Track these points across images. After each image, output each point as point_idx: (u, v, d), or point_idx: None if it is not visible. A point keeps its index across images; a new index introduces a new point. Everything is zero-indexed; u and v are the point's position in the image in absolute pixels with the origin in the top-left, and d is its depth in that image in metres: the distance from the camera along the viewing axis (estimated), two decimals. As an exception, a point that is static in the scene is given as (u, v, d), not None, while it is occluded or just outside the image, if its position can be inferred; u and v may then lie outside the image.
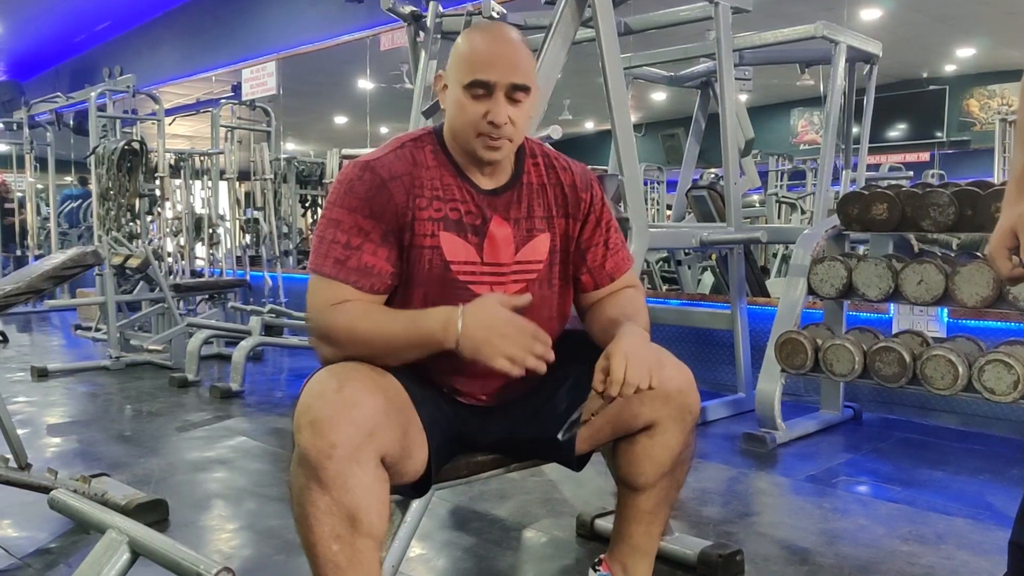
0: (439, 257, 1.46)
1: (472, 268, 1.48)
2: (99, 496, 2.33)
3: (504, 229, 1.50)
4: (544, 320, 1.55)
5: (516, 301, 1.40)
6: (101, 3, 9.38)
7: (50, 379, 4.67)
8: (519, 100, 1.44)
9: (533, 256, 1.54)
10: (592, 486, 2.59)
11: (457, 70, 1.44)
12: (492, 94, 1.41)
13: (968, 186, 3.03)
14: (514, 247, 1.51)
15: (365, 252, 1.42)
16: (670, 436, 1.52)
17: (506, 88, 1.41)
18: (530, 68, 1.46)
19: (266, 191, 7.02)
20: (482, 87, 1.41)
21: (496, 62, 1.41)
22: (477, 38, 1.46)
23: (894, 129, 10.50)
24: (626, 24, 3.59)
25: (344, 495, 1.27)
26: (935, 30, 8.73)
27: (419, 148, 1.50)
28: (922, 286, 2.93)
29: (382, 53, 7.08)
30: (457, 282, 1.47)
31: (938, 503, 2.57)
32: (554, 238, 1.56)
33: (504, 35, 1.46)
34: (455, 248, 1.47)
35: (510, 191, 1.53)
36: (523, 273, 1.53)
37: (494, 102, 1.41)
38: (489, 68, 1.41)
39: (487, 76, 1.40)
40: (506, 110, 1.42)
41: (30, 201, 8.74)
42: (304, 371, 4.97)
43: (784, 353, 3.20)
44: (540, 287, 1.55)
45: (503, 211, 1.51)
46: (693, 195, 5.00)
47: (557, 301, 1.59)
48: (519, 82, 1.42)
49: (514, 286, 1.52)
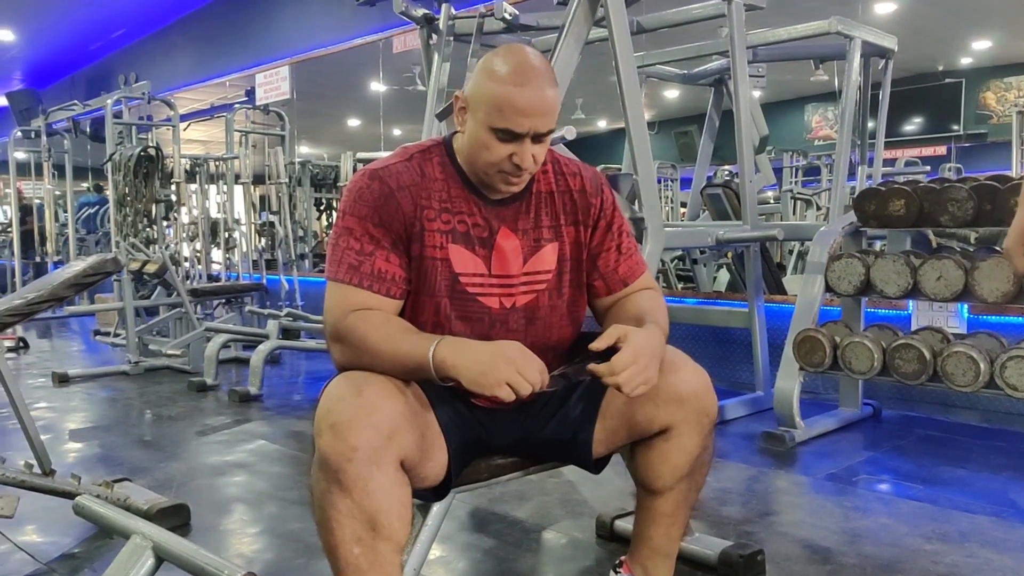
0: (448, 269, 1.47)
1: (481, 280, 1.49)
2: (122, 501, 2.35)
3: (511, 241, 1.51)
4: (555, 328, 1.57)
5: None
6: (116, 11, 9.45)
7: (71, 384, 4.71)
8: (543, 139, 1.45)
9: (541, 267, 1.54)
10: (611, 487, 2.59)
11: (485, 112, 1.41)
12: (520, 140, 1.42)
13: (987, 180, 3.00)
14: (522, 258, 1.52)
15: (378, 258, 1.43)
16: (687, 440, 1.51)
17: (534, 135, 1.42)
18: (556, 109, 1.44)
19: (281, 195, 7.06)
20: (511, 135, 1.41)
21: (530, 112, 1.39)
22: (508, 81, 1.39)
23: (910, 123, 10.42)
24: (639, 23, 3.58)
25: (365, 498, 1.27)
26: (950, 23, 8.65)
27: (427, 160, 1.51)
28: (941, 282, 2.91)
29: (395, 56, 7.09)
30: (466, 294, 1.49)
31: (961, 501, 2.55)
32: (562, 247, 1.56)
33: (538, 81, 1.41)
34: (463, 260, 1.48)
35: (519, 201, 1.53)
36: (532, 284, 1.53)
37: (521, 146, 1.42)
38: (521, 119, 1.39)
39: (519, 128, 1.40)
40: (532, 151, 1.43)
41: (48, 208, 8.82)
42: (321, 374, 5.00)
43: (802, 351, 3.19)
44: (550, 296, 1.55)
45: (511, 222, 1.52)
46: (708, 193, 4.97)
47: (568, 309, 1.59)
48: (545, 131, 1.43)
49: (523, 297, 1.52)
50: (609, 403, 1.53)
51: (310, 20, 8.07)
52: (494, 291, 1.50)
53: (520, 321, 1.53)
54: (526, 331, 1.53)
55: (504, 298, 1.51)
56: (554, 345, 1.58)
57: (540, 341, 1.53)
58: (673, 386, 1.48)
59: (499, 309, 1.51)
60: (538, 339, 1.53)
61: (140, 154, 5.72)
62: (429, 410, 1.43)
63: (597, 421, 1.54)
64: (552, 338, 1.57)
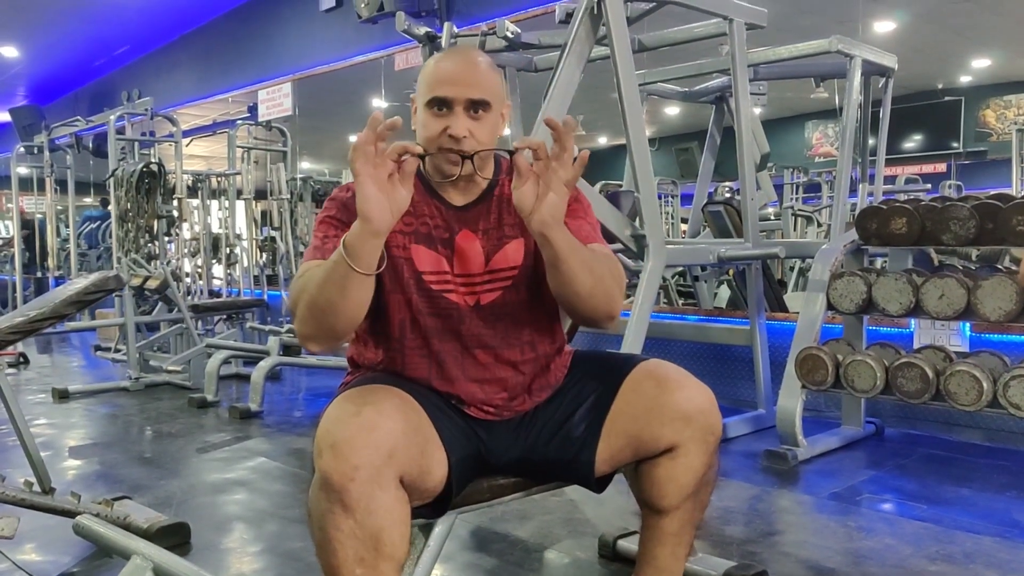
0: (412, 268, 1.53)
1: (445, 278, 1.54)
2: (122, 520, 2.34)
3: (471, 241, 1.55)
4: (528, 322, 1.59)
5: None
6: (120, 28, 9.50)
7: (71, 400, 4.70)
8: (479, 115, 1.49)
9: (505, 263, 1.57)
10: (614, 506, 2.58)
11: (421, 91, 1.51)
12: (452, 110, 1.47)
13: (988, 199, 3.00)
14: (484, 257, 1.56)
15: (338, 239, 1.45)
16: (693, 458, 1.50)
17: (464, 103, 1.47)
18: (490, 85, 1.51)
19: (283, 210, 7.07)
20: (442, 104, 1.47)
21: (455, 80, 1.48)
22: (440, 60, 1.54)
23: (910, 140, 10.45)
24: (640, 42, 3.60)
25: (367, 518, 1.27)
26: (950, 42, 8.69)
27: None
28: (943, 300, 2.91)
29: (396, 73, 7.12)
30: (432, 291, 1.54)
31: (965, 521, 2.54)
32: (528, 241, 1.57)
33: (465, 56, 1.54)
34: (425, 259, 1.53)
35: (480, 205, 1.58)
36: (497, 280, 1.56)
37: (453, 117, 1.47)
38: (448, 85, 1.47)
39: (445, 93, 1.47)
40: (466, 124, 1.47)
41: (50, 223, 8.83)
42: (322, 390, 4.99)
43: (804, 369, 3.18)
44: (518, 291, 1.57)
45: (472, 224, 1.56)
46: (709, 210, 4.98)
47: (540, 302, 1.59)
48: (477, 97, 1.48)
49: (488, 295, 1.56)
50: (614, 421, 1.53)
51: (312, 37, 8.10)
52: (459, 288, 1.54)
53: (488, 316, 1.55)
54: (495, 326, 1.56)
55: (468, 296, 1.55)
56: (529, 339, 1.59)
57: (512, 336, 1.57)
58: (679, 404, 1.48)
59: (464, 306, 1.55)
60: (509, 334, 1.57)
61: (142, 170, 5.73)
62: (429, 424, 1.43)
63: (600, 440, 1.54)
64: (524, 333, 1.59)
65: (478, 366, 1.55)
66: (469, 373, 1.55)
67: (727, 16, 3.37)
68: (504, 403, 1.57)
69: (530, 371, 1.59)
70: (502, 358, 1.57)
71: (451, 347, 1.55)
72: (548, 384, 1.62)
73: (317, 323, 1.40)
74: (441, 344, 1.54)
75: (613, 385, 1.55)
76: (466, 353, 1.55)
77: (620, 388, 1.54)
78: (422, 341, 1.54)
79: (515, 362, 1.57)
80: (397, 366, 1.56)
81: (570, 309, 1.52)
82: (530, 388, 1.60)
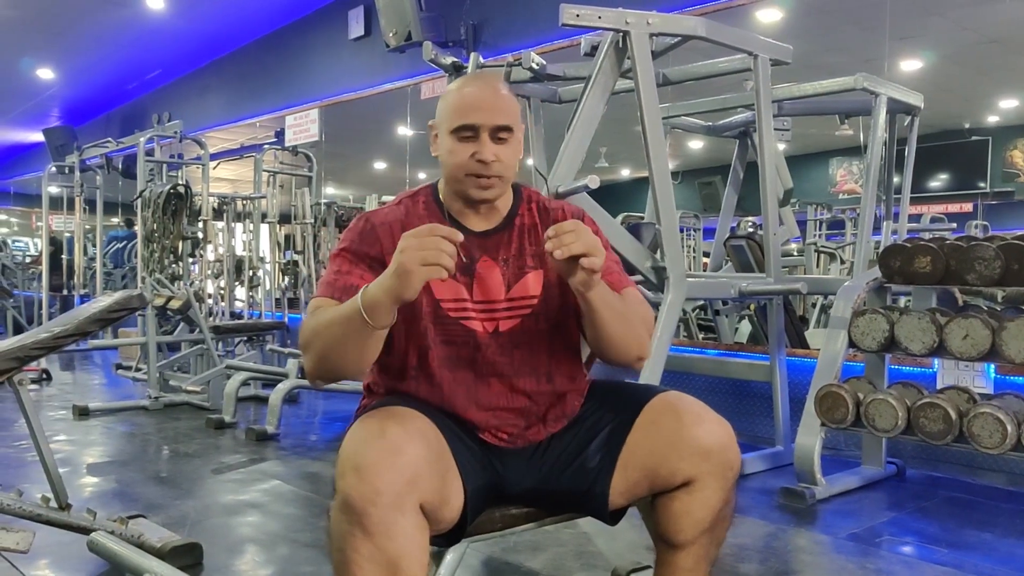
0: (430, 296, 1.53)
1: (463, 305, 1.54)
2: (135, 538, 2.34)
3: (492, 269, 1.56)
4: (544, 352, 1.59)
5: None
6: (153, 53, 9.69)
7: (91, 418, 4.73)
8: (504, 139, 1.51)
9: (525, 292, 1.58)
10: (626, 539, 2.55)
11: (445, 118, 1.53)
12: (478, 136, 1.49)
13: (1015, 239, 2.97)
14: (505, 285, 1.56)
15: (353, 276, 1.50)
16: (710, 493, 1.49)
17: (490, 129, 1.50)
18: (512, 110, 1.54)
19: (306, 234, 7.14)
20: (469, 130, 1.50)
21: (480, 106, 1.50)
22: (462, 87, 1.56)
23: (935, 179, 10.38)
24: (664, 75, 3.62)
25: (388, 542, 1.27)
26: (977, 81, 8.66)
27: (414, 201, 1.61)
28: (968, 341, 2.87)
29: (422, 101, 7.20)
30: (448, 318, 1.54)
31: (986, 567, 2.49)
32: (548, 274, 1.58)
33: (486, 82, 1.56)
34: (444, 287, 1.53)
35: (501, 233, 1.59)
36: (516, 309, 1.57)
37: (480, 143, 1.49)
38: (474, 112, 1.50)
39: (473, 120, 1.49)
40: (493, 149, 1.50)
41: (78, 242, 8.97)
42: (339, 414, 4.99)
43: (824, 407, 3.14)
44: (537, 321, 1.58)
45: (492, 252, 1.57)
46: (732, 245, 4.97)
47: (558, 334, 1.60)
48: (502, 123, 1.50)
49: (507, 322, 1.56)
50: (631, 454, 1.52)
51: (340, 65, 8.22)
52: (477, 316, 1.55)
53: (506, 344, 1.56)
54: (512, 354, 1.56)
55: (487, 322, 1.55)
56: (546, 370, 1.59)
57: (528, 364, 1.57)
58: (698, 438, 1.47)
59: (483, 333, 1.55)
60: (526, 362, 1.57)
61: (169, 191, 5.82)
62: (449, 454, 1.43)
63: (616, 472, 1.53)
64: (542, 362, 1.59)
65: (491, 394, 1.55)
66: (483, 402, 1.55)
67: (752, 52, 3.38)
68: (519, 431, 1.57)
69: (545, 402, 1.59)
70: (517, 388, 1.56)
71: (464, 375, 1.55)
72: (564, 414, 1.61)
73: (329, 369, 1.43)
74: (454, 372, 1.54)
75: (630, 416, 1.54)
76: (480, 381, 1.55)
77: (637, 420, 1.53)
78: (436, 368, 1.54)
79: (530, 392, 1.57)
80: (412, 391, 1.56)
81: (600, 352, 1.55)
82: (545, 418, 1.59)
